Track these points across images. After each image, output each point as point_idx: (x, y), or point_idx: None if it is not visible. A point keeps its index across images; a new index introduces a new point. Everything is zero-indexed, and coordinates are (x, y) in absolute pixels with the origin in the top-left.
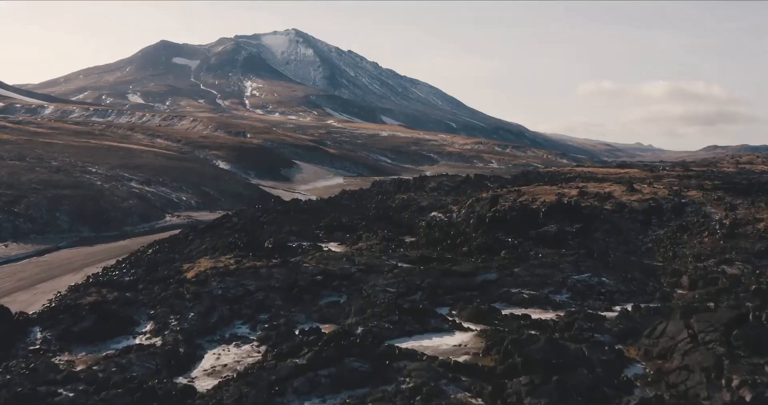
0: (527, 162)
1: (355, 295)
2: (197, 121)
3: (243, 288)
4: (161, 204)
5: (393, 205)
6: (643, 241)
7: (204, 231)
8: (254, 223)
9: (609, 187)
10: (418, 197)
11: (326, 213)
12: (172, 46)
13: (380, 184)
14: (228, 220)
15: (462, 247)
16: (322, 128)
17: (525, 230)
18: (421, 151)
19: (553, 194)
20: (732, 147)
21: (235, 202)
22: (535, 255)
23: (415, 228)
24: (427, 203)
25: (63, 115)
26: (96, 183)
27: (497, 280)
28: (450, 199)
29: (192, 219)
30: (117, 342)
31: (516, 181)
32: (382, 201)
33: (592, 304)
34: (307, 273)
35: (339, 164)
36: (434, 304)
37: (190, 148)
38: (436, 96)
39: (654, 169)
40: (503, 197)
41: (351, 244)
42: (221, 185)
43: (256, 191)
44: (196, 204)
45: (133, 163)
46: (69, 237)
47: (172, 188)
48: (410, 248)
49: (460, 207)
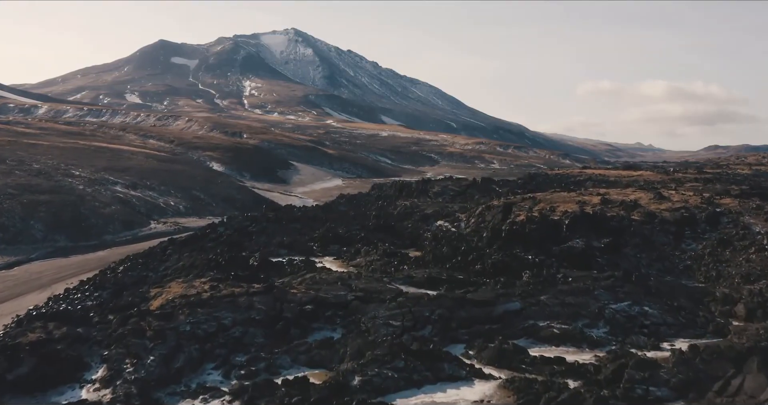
0: (529, 162)
1: (351, 329)
2: (192, 121)
3: (217, 322)
4: (146, 210)
5: (394, 213)
6: (681, 257)
7: (184, 244)
8: (242, 233)
9: (633, 193)
10: (422, 204)
11: (321, 222)
12: (171, 46)
13: (380, 188)
14: (213, 231)
15: (474, 266)
16: (321, 128)
17: (547, 246)
18: (422, 151)
19: (573, 202)
20: (733, 147)
21: (226, 206)
22: (563, 278)
23: (420, 240)
24: (431, 211)
25: (56, 115)
26: (77, 187)
27: (521, 311)
28: (456, 205)
29: (179, 226)
30: (60, 392)
31: (525, 186)
32: (382, 208)
33: (636, 341)
34: (294, 301)
35: (338, 165)
36: (446, 340)
37: (183, 148)
38: (435, 96)
39: (668, 172)
40: (517, 205)
41: (348, 260)
42: (213, 189)
43: (250, 195)
44: (184, 209)
45: (120, 166)
46: (43, 247)
47: (159, 192)
48: (415, 266)
49: (468, 216)
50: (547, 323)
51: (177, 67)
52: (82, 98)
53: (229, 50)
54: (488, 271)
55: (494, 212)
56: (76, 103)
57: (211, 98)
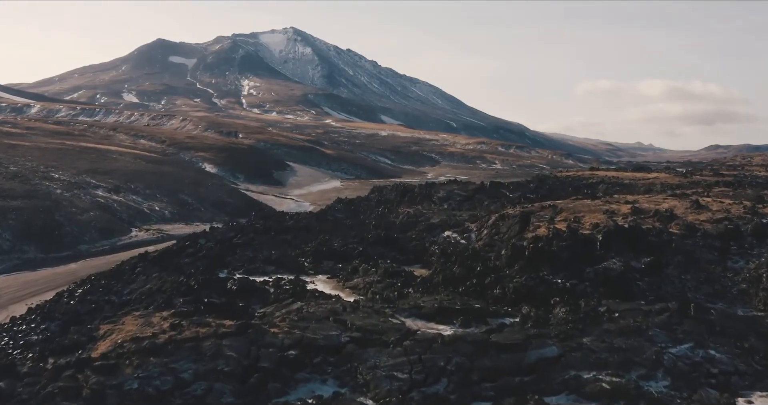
0: (532, 163)
1: (346, 381)
2: (187, 121)
3: (173, 376)
4: (128, 216)
5: (396, 222)
6: (733, 279)
7: (157, 260)
8: (225, 246)
9: (666, 201)
10: (427, 211)
11: (315, 233)
12: (169, 45)
13: (380, 190)
14: (193, 244)
15: (493, 290)
16: (319, 128)
17: (577, 266)
18: (422, 151)
19: (600, 212)
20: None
21: (216, 211)
22: (608, 312)
23: (427, 255)
24: (438, 220)
25: (49, 114)
26: (55, 191)
27: (559, 358)
28: (465, 213)
29: (162, 233)
30: None
31: (538, 190)
32: (383, 215)
33: (705, 398)
34: (275, 345)
35: (336, 166)
36: (467, 397)
37: (174, 149)
38: (435, 95)
39: (685, 174)
40: (535, 215)
41: (344, 280)
42: (202, 192)
43: (242, 199)
44: (170, 215)
45: (104, 168)
46: (9, 259)
47: (144, 196)
48: (422, 289)
49: (480, 226)
50: (593, 374)
51: (175, 67)
52: (79, 98)
53: (228, 49)
54: (509, 297)
55: (510, 223)
56: (71, 102)
57: (209, 97)
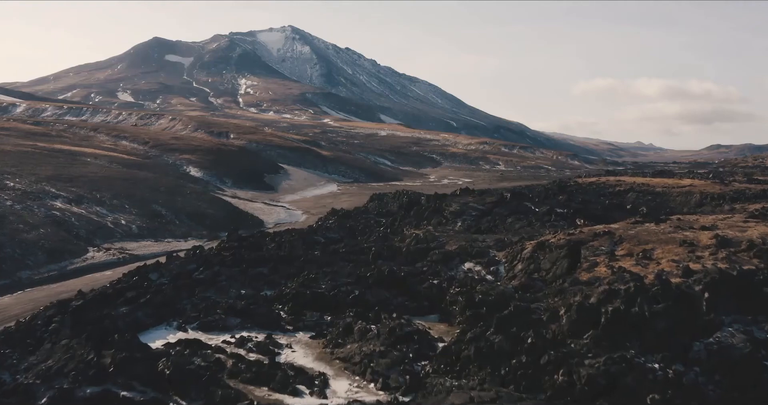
0: (536, 164)
1: None
2: (176, 120)
3: None
4: (87, 231)
5: (403, 248)
6: None
7: (80, 311)
8: (182, 284)
9: (750, 226)
10: (440, 233)
11: (298, 264)
12: (165, 43)
13: (380, 198)
14: (140, 281)
15: (553, 375)
16: (317, 127)
17: (680, 341)
18: (423, 151)
19: (674, 243)
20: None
21: (193, 224)
22: None
23: (445, 300)
24: (456, 247)
25: (34, 113)
26: (4, 204)
27: None
28: (488, 238)
29: (125, 253)
30: None
31: (569, 204)
32: (385, 238)
33: None
34: None
35: (333, 168)
36: None
37: (157, 151)
38: (435, 94)
39: (724, 181)
40: (587, 247)
41: (332, 346)
42: (179, 202)
43: (224, 208)
44: (137, 229)
45: (69, 174)
46: None
47: (110, 207)
48: (446, 369)
49: (511, 256)
50: None
51: (171, 65)
52: (73, 97)
53: (225, 48)
54: (581, 390)
55: (554, 257)
56: (58, 101)
57: (206, 96)
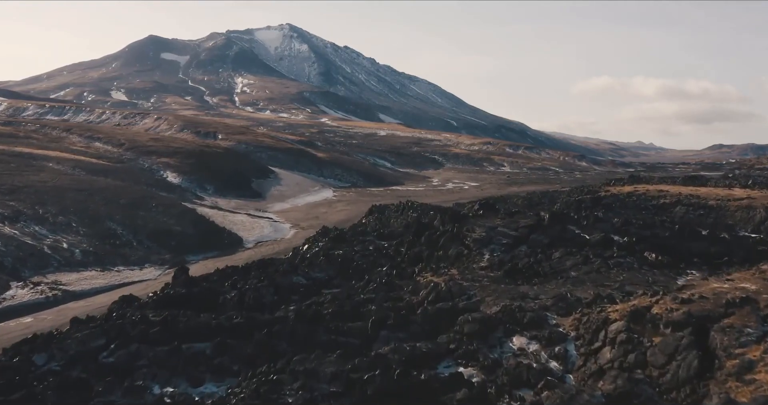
0: (543, 165)
1: None
2: (161, 120)
3: None
4: (15, 259)
5: (415, 305)
6: None
7: None
8: (81, 375)
9: None
10: (468, 281)
11: (259, 339)
12: (161, 42)
13: (381, 212)
14: (20, 369)
15: None
16: (314, 127)
17: None
18: (424, 152)
19: None
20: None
21: (154, 246)
22: None
23: None
24: (496, 308)
25: (15, 112)
26: None
27: None
28: (544, 295)
29: (58, 290)
30: None
31: (628, 229)
32: (390, 286)
33: None
34: None
35: (329, 171)
36: None
37: (133, 154)
38: (435, 93)
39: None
40: (725, 329)
41: None
42: (141, 217)
43: (195, 225)
44: (82, 255)
45: (11, 184)
46: None
47: (52, 227)
48: None
49: (584, 329)
50: None
51: (167, 64)
52: (66, 95)
53: (222, 46)
54: None
55: (670, 344)
56: (42, 100)
57: (201, 95)
